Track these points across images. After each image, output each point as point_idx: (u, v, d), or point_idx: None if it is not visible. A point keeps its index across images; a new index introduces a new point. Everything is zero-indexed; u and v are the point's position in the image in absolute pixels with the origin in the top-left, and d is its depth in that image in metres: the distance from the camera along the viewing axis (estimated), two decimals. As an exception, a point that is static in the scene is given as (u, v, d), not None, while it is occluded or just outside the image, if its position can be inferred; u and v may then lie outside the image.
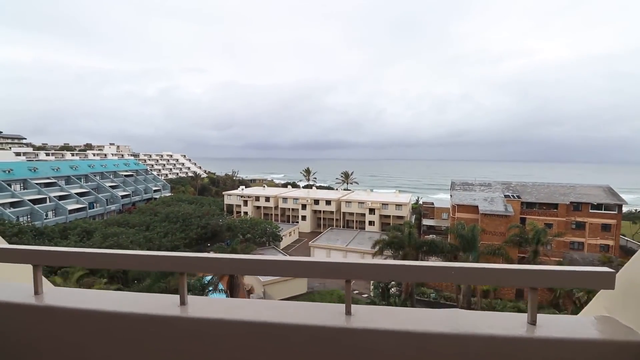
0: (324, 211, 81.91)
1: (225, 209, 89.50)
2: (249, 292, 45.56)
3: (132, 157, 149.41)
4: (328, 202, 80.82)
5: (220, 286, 38.40)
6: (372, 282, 42.23)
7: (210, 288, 34.89)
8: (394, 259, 38.14)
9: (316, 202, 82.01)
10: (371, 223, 76.03)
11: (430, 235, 59.33)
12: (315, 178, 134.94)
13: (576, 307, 31.55)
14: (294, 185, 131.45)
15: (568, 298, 39.40)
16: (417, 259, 35.49)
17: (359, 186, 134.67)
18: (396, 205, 75.58)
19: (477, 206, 52.90)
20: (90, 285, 30.30)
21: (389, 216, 76.32)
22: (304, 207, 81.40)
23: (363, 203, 77.43)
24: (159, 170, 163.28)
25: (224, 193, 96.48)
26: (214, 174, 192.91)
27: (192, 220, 65.13)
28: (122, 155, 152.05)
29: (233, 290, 36.97)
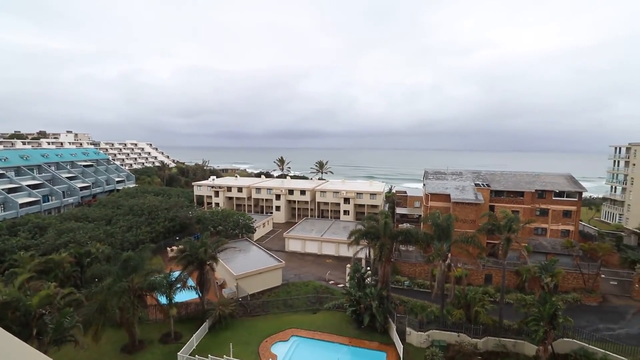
0: (298, 201, 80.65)
1: (195, 201, 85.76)
2: (221, 287, 43.84)
3: (92, 146, 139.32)
4: (303, 192, 79.59)
5: (190, 282, 36.42)
6: (347, 272, 41.83)
7: (179, 285, 32.88)
8: (369, 249, 37.58)
9: (290, 192, 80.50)
10: (346, 212, 75.86)
11: (405, 224, 59.88)
12: (290, 167, 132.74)
13: (544, 292, 32.71)
14: (268, 175, 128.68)
15: (534, 282, 41.11)
16: (392, 249, 35.27)
17: (333, 175, 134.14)
18: (370, 194, 75.74)
19: (449, 195, 53.76)
20: (37, 289, 27.27)
21: (363, 205, 76.44)
22: (278, 197, 79.66)
23: (338, 192, 76.95)
24: (123, 159, 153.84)
25: (193, 184, 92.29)
26: (183, 163, 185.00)
27: (158, 212, 61.54)
28: (81, 144, 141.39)
29: (203, 285, 35.15)
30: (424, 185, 62.61)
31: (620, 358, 26.14)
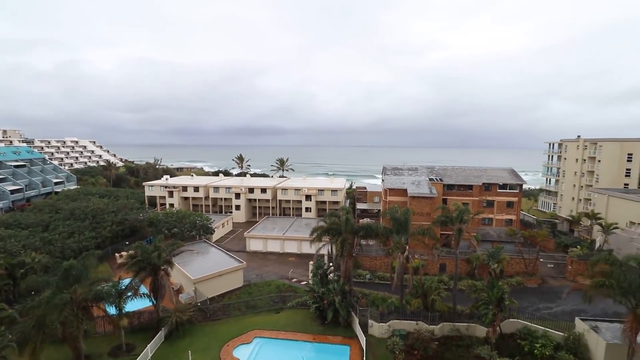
0: (259, 199, 79.12)
1: (146, 202, 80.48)
2: (178, 292, 41.59)
3: (25, 144, 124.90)
4: (263, 190, 78.19)
5: (143, 289, 34.04)
6: (310, 269, 41.81)
7: (130, 293, 30.54)
8: (331, 245, 37.83)
9: (251, 190, 78.68)
10: (308, 209, 75.89)
11: (365, 219, 61.30)
12: (249, 165, 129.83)
13: (492, 277, 35.27)
14: (227, 174, 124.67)
15: (483, 269, 44.19)
16: (354, 244, 35.84)
17: (294, 173, 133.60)
18: (332, 190, 76.49)
19: (406, 189, 55.95)
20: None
21: (325, 202, 76.98)
22: (237, 196, 77.44)
23: (299, 190, 76.68)
24: (61, 159, 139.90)
25: (144, 184, 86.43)
26: (132, 162, 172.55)
27: (104, 216, 56.76)
28: (11, 142, 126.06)
29: (157, 292, 33.02)
30: (382, 181, 64.50)
31: (558, 333, 29.01)
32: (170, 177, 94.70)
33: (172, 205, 77.92)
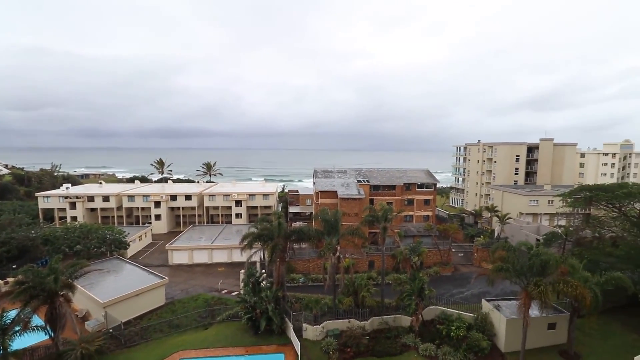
0: (183, 207, 73.31)
1: (41, 216, 68.23)
2: (84, 320, 35.83)
3: None
4: (188, 197, 72.69)
5: (37, 321, 28.36)
6: (241, 278, 40.01)
7: (18, 327, 25.13)
8: (263, 251, 36.78)
9: (173, 197, 72.45)
10: (238, 216, 72.91)
11: (298, 223, 61.30)
12: (171, 170, 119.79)
13: (413, 270, 38.19)
14: (144, 180, 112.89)
15: (406, 262, 47.69)
16: (286, 249, 35.37)
17: (223, 177, 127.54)
18: (263, 195, 74.84)
19: (336, 191, 57.61)
20: None
21: (256, 207, 74.93)
22: (157, 204, 70.51)
23: (228, 195, 73.23)
24: None
25: (37, 194, 72.92)
26: (22, 169, 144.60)
27: (-20, 236, 46.26)
28: None
29: (56, 322, 27.84)
30: (314, 183, 65.38)
31: (469, 314, 32.65)
32: (73, 185, 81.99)
33: (74, 218, 67.34)
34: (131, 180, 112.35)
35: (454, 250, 54.91)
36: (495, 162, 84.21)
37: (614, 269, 31.43)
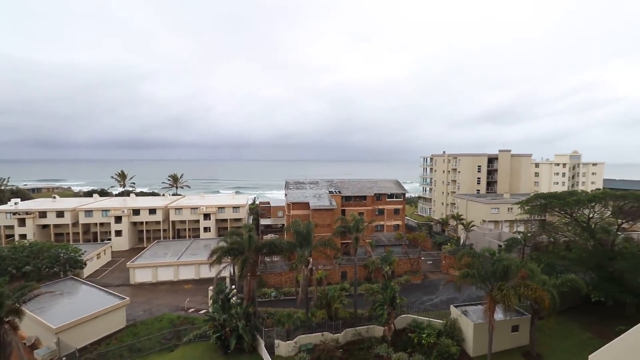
0: (147, 222, 69.65)
1: (-17, 235, 61.93)
2: (33, 347, 32.52)
3: None
4: (152, 211, 69.25)
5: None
6: (210, 295, 38.38)
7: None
8: (233, 266, 35.64)
9: (136, 212, 68.70)
10: (207, 229, 70.39)
11: (269, 235, 60.20)
12: (134, 183, 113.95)
13: (385, 279, 38.60)
14: (104, 194, 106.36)
15: (378, 272, 48.21)
16: (257, 262, 34.51)
17: (191, 190, 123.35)
18: (233, 207, 73.01)
19: (308, 202, 57.46)
20: None
21: (226, 220, 72.86)
22: (118, 219, 66.46)
23: (196, 208, 70.69)
24: None
25: (-20, 211, 66.29)
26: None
27: None
28: None
29: (0, 352, 24.98)
30: (285, 195, 64.84)
31: (438, 321, 33.38)
32: (23, 200, 75.56)
33: (23, 236, 61.76)
34: (89, 194, 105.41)
35: (423, 258, 56.29)
36: (459, 172, 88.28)
37: (568, 272, 33.71)
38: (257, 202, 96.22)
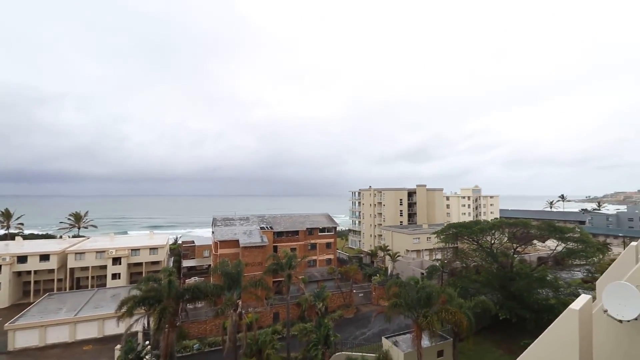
0: (37, 271, 57.69)
1: None
2: None
3: None
4: (45, 257, 57.84)
5: None
6: (117, 356, 32.45)
7: None
8: (148, 317, 31.17)
9: (22, 259, 56.60)
10: (116, 276, 61.06)
11: (193, 279, 54.96)
12: (22, 224, 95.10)
13: (318, 316, 37.65)
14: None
15: (311, 309, 46.97)
16: (178, 311, 30.70)
17: (97, 230, 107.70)
18: (150, 248, 65.23)
19: (238, 240, 54.56)
20: None
21: (141, 264, 64.45)
22: (-4, 270, 53.74)
23: (104, 252, 61.30)
24: None
25: None
26: None
27: None
28: None
29: None
30: (212, 232, 60.76)
31: (371, 355, 33.32)
32: None
33: None
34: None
35: (355, 290, 56.94)
36: (384, 205, 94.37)
37: (479, 294, 37.38)
38: (179, 242, 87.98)
